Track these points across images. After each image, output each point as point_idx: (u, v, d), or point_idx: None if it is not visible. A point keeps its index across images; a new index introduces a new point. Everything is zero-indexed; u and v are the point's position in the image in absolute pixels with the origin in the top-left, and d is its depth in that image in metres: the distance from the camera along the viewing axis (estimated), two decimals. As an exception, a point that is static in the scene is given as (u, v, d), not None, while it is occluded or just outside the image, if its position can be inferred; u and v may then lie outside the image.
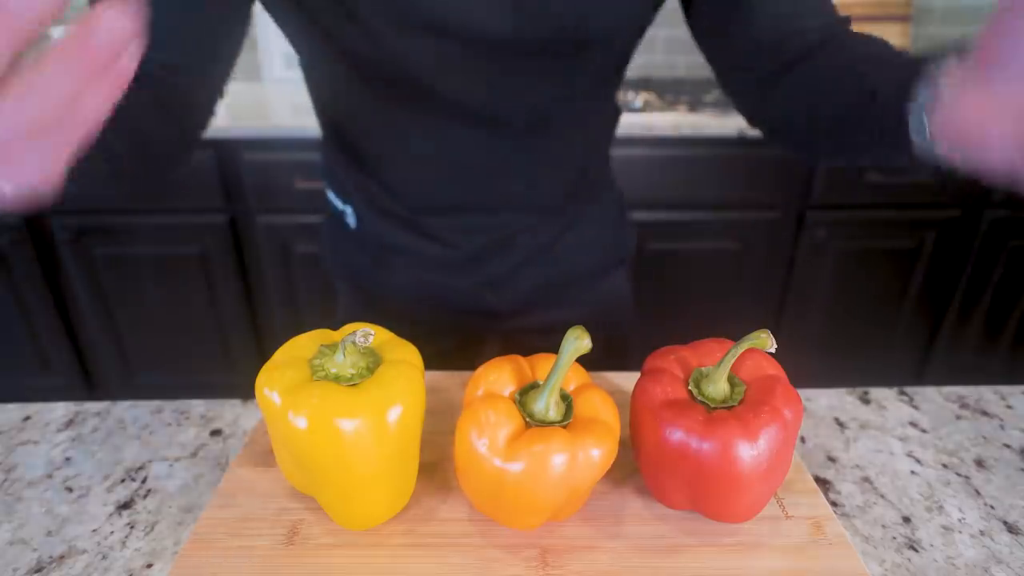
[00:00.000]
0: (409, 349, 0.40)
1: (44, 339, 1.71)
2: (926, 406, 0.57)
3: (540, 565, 0.38)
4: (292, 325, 1.72)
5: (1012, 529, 0.44)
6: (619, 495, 0.43)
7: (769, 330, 0.36)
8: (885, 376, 1.89)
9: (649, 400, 0.39)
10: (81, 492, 0.46)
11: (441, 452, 0.46)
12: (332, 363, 0.36)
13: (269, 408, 0.35)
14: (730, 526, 0.41)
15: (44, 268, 1.62)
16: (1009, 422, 0.56)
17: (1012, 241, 1.70)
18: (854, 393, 0.59)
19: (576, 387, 0.40)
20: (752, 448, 0.35)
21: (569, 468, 0.35)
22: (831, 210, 1.63)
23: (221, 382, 1.80)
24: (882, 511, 0.46)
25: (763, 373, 0.39)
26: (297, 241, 1.60)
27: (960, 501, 0.47)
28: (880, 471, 0.50)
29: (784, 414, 0.36)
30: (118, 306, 1.69)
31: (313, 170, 1.51)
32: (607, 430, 0.37)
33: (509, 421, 0.36)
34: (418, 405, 0.38)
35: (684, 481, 0.38)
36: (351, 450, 0.34)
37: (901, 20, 1.88)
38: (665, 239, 1.64)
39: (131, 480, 0.47)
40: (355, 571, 0.37)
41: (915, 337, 1.85)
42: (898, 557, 0.42)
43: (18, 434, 0.52)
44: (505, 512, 0.38)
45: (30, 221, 1.56)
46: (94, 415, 0.54)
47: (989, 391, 0.59)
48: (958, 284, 1.77)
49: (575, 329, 0.35)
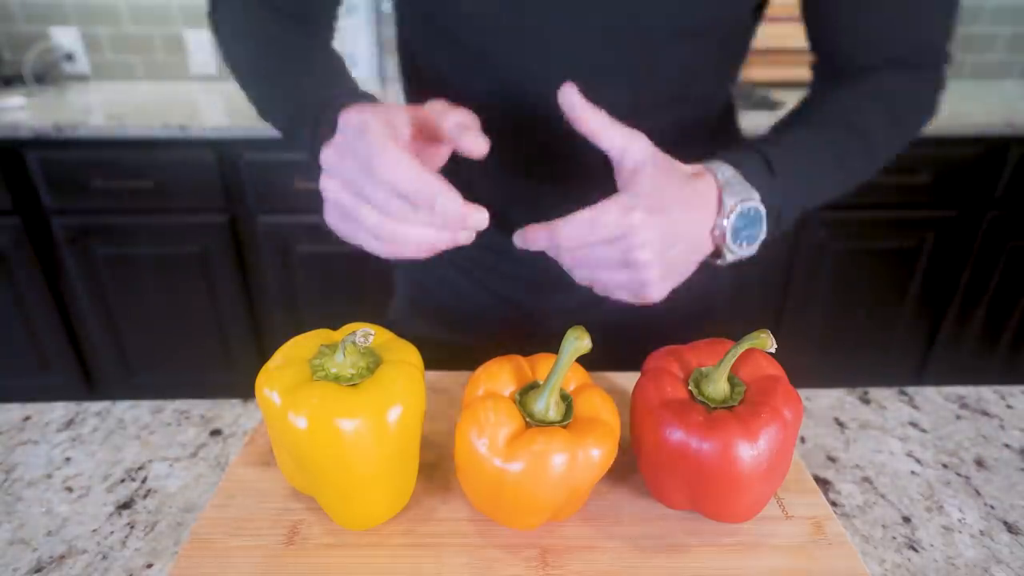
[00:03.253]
0: (409, 349, 0.40)
1: (44, 339, 1.71)
2: (926, 406, 0.57)
3: (540, 565, 0.38)
4: (292, 325, 1.72)
5: (1012, 529, 0.44)
6: (619, 495, 0.43)
7: (769, 330, 0.36)
8: (885, 376, 1.89)
9: (649, 400, 0.39)
10: (81, 492, 0.46)
11: (441, 452, 0.46)
12: (332, 363, 0.36)
13: (269, 408, 0.35)
14: (730, 526, 0.41)
15: (44, 268, 1.62)
16: (1009, 422, 0.56)
17: (1012, 241, 1.70)
18: (854, 393, 0.59)
19: (576, 387, 0.40)
20: (752, 448, 0.35)
21: (569, 468, 0.35)
22: (831, 210, 1.63)
23: (221, 382, 1.80)
24: (882, 511, 0.46)
25: (763, 373, 0.39)
26: (297, 241, 1.60)
27: (960, 501, 0.47)
28: (880, 471, 0.50)
29: (784, 414, 0.36)
30: (118, 306, 1.69)
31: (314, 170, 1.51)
32: (607, 430, 0.37)
33: (509, 421, 0.36)
34: (418, 405, 0.38)
35: (684, 481, 0.38)
36: (351, 450, 0.34)
37: (901, 20, 1.87)
38: (665, 239, 1.64)
39: (131, 480, 0.47)
40: (355, 571, 0.37)
41: (915, 337, 1.85)
42: (898, 557, 0.42)
43: (18, 434, 0.52)
44: (505, 512, 0.38)
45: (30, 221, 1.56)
46: (94, 415, 0.54)
47: (989, 391, 0.59)
48: (958, 284, 1.76)
49: (575, 329, 0.35)
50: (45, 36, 1.87)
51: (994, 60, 2.04)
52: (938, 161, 1.60)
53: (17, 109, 1.55)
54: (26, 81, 1.79)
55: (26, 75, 1.79)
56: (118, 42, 1.91)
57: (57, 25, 1.87)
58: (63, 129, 1.45)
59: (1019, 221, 1.68)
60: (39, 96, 1.70)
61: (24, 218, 1.55)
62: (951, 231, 1.69)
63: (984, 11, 1.97)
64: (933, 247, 1.70)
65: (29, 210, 1.55)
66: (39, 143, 1.47)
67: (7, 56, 1.86)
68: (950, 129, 1.56)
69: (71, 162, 1.50)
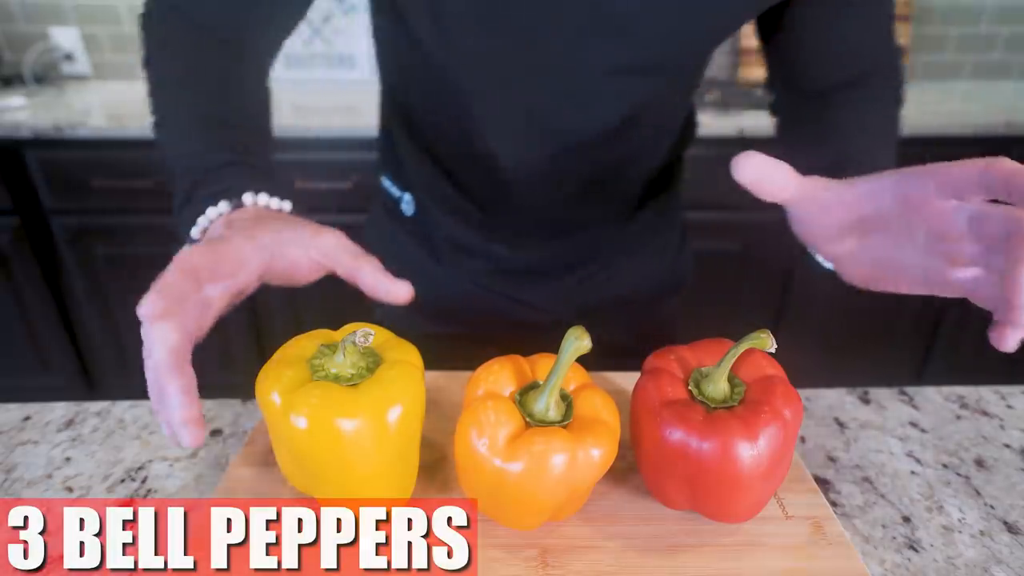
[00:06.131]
0: (409, 349, 0.40)
1: (44, 339, 1.71)
2: (926, 406, 0.57)
3: (540, 565, 0.38)
4: (292, 325, 1.72)
5: (1012, 529, 0.44)
6: (619, 495, 0.43)
7: (769, 330, 0.36)
8: (885, 376, 1.89)
9: (649, 400, 0.39)
10: (81, 492, 0.46)
11: (441, 452, 0.46)
12: (332, 363, 0.36)
13: (269, 408, 0.35)
14: (730, 526, 0.41)
15: (44, 268, 1.62)
16: (1009, 422, 0.56)
17: (1012, 241, 1.70)
18: (854, 393, 0.59)
19: (576, 387, 0.40)
20: (752, 448, 0.35)
21: (569, 468, 0.35)
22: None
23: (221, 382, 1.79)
24: (882, 511, 0.46)
25: (763, 373, 0.39)
26: (297, 241, 1.60)
27: (960, 501, 0.47)
28: (880, 471, 0.50)
29: (784, 414, 0.36)
30: (118, 306, 1.69)
31: (313, 170, 1.51)
32: (607, 430, 0.37)
33: (509, 421, 0.36)
34: (418, 405, 0.37)
35: (684, 481, 0.38)
36: (351, 450, 0.34)
37: (901, 20, 1.87)
38: (665, 239, 1.64)
39: (131, 480, 0.47)
40: (355, 571, 0.37)
41: (915, 337, 1.85)
42: (898, 557, 0.42)
43: (18, 434, 0.52)
44: (505, 512, 0.38)
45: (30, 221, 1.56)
46: (94, 415, 0.54)
47: (989, 391, 0.59)
48: (958, 284, 1.76)
49: (575, 329, 0.35)
50: (45, 36, 1.86)
51: (994, 60, 2.04)
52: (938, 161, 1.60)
53: (17, 109, 1.55)
54: (26, 81, 1.79)
55: (26, 75, 1.78)
56: (118, 42, 1.91)
57: (57, 25, 1.86)
58: (63, 129, 1.45)
59: (1019, 221, 1.68)
60: (39, 96, 1.70)
61: (24, 218, 1.55)
62: (951, 231, 1.68)
63: (984, 11, 1.97)
64: (933, 247, 1.70)
65: (29, 210, 1.55)
66: (39, 143, 1.47)
67: (7, 56, 1.86)
68: (950, 129, 1.56)
69: (71, 162, 1.50)
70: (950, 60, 2.04)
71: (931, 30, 1.98)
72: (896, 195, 0.38)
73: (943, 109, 1.72)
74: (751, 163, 0.41)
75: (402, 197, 0.68)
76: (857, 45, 0.56)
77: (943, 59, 2.03)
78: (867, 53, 0.57)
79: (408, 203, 0.68)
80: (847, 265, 0.43)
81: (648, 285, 0.72)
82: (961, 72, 2.05)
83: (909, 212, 0.38)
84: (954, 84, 2.03)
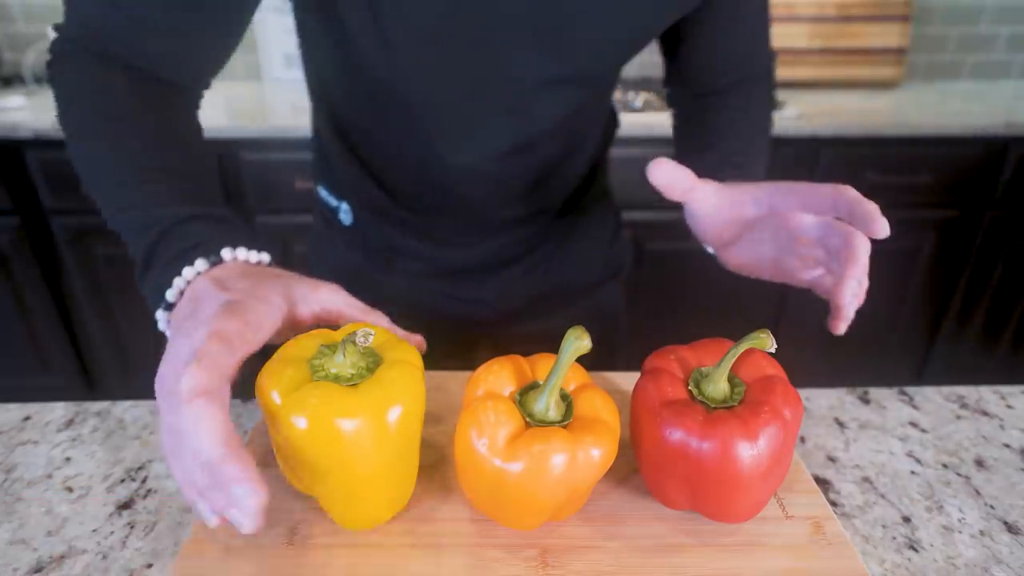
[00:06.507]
0: (409, 349, 0.40)
1: (44, 339, 1.71)
2: (926, 406, 0.57)
3: (540, 565, 0.38)
4: (292, 325, 1.72)
5: (1012, 529, 0.44)
6: (619, 495, 0.43)
7: (769, 330, 0.36)
8: (885, 376, 1.89)
9: (649, 400, 0.39)
10: (81, 492, 0.46)
11: (441, 452, 0.46)
12: (332, 363, 0.36)
13: (269, 408, 0.35)
14: (730, 526, 0.41)
15: (44, 268, 1.62)
16: (1009, 422, 0.56)
17: (1012, 241, 1.70)
18: (854, 393, 0.59)
19: (576, 387, 0.40)
20: (752, 448, 0.35)
21: (569, 468, 0.35)
22: (831, 210, 1.63)
23: (221, 382, 1.80)
24: (882, 511, 0.46)
25: (763, 373, 0.39)
26: (297, 241, 1.60)
27: (960, 501, 0.47)
28: (880, 471, 0.50)
29: (784, 414, 0.36)
30: (118, 306, 1.69)
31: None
32: (607, 430, 0.37)
33: (509, 421, 0.36)
34: (418, 405, 0.37)
35: (684, 481, 0.38)
36: (351, 450, 0.34)
37: (901, 20, 1.87)
38: (665, 239, 1.64)
39: (131, 480, 0.47)
40: (355, 571, 0.37)
41: (915, 337, 1.85)
42: (898, 557, 0.42)
43: (18, 434, 0.52)
44: (505, 512, 0.38)
45: (30, 221, 1.56)
46: (94, 415, 0.54)
47: (989, 391, 0.59)
48: (958, 284, 1.76)
49: (575, 329, 0.35)
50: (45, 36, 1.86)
51: (994, 60, 2.04)
52: (938, 161, 1.60)
53: (17, 109, 1.55)
54: (26, 81, 1.79)
55: (26, 75, 1.78)
56: (118, 42, 1.91)
57: (57, 25, 1.87)
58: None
59: (1019, 221, 1.68)
60: (39, 96, 1.70)
61: (24, 218, 1.55)
62: (952, 231, 1.69)
63: (984, 11, 1.97)
64: (933, 247, 1.70)
65: (29, 210, 1.55)
66: (39, 143, 1.47)
67: (7, 56, 1.86)
68: (950, 129, 1.56)
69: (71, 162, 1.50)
70: (950, 60, 2.04)
71: (931, 30, 1.98)
72: (770, 204, 0.48)
73: (943, 109, 1.72)
74: (662, 169, 0.48)
75: (339, 207, 0.69)
76: (744, 52, 0.64)
77: (943, 59, 2.03)
78: (751, 59, 0.65)
79: (346, 212, 0.68)
80: (726, 254, 0.53)
81: (589, 273, 0.75)
82: (961, 72, 2.06)
83: (777, 219, 0.48)
84: (954, 84, 2.03)
